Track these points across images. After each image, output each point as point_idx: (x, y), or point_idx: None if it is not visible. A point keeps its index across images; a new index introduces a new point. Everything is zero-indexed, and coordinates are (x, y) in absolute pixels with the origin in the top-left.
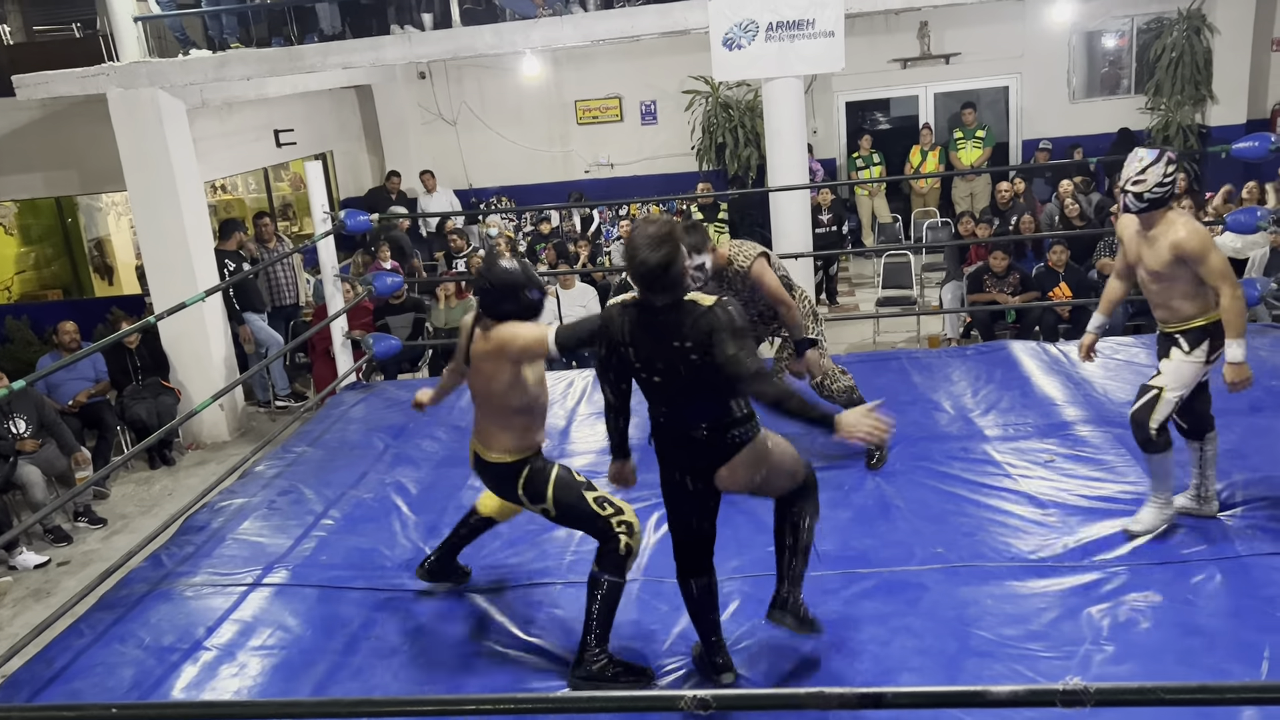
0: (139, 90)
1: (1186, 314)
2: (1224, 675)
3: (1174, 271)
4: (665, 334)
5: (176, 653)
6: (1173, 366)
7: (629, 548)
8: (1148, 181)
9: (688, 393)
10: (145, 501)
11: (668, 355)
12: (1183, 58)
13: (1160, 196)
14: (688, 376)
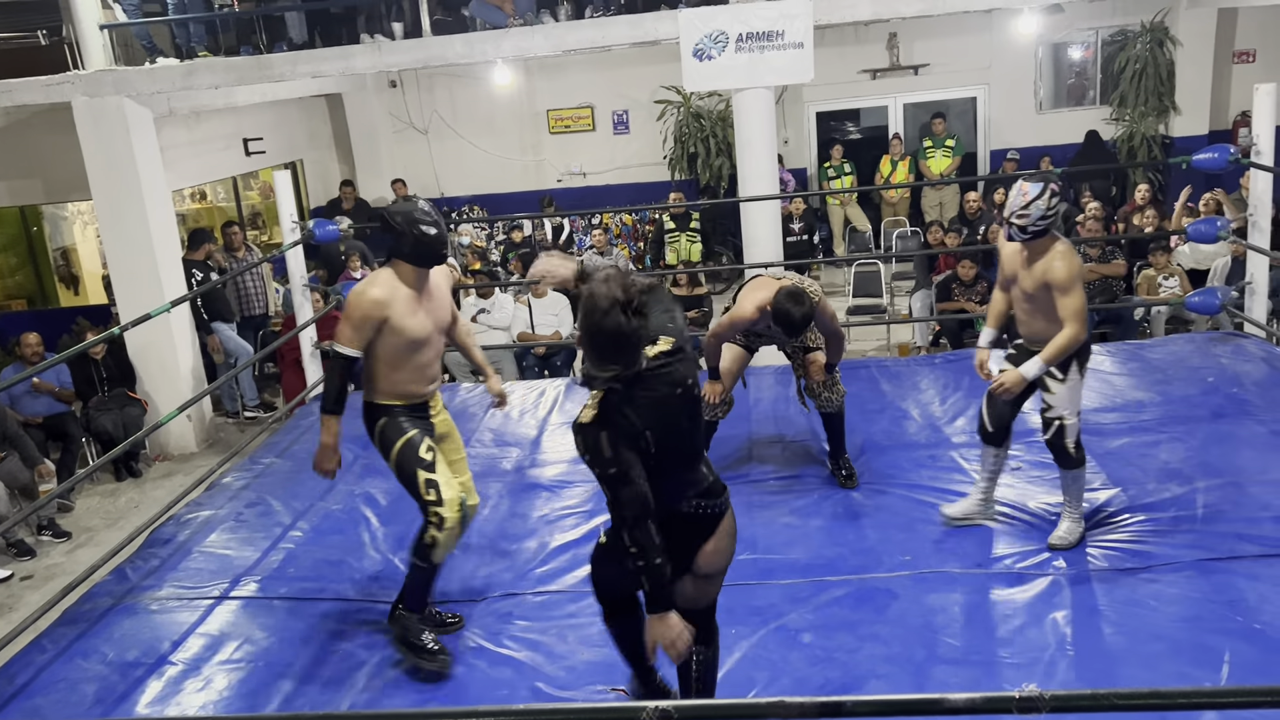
0: (105, 99)
1: (1054, 334)
2: (1186, 679)
3: (1045, 295)
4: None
5: (141, 668)
6: (1059, 396)
7: (434, 539)
8: (1031, 215)
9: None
10: (111, 514)
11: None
12: (1146, 69)
13: (1044, 228)
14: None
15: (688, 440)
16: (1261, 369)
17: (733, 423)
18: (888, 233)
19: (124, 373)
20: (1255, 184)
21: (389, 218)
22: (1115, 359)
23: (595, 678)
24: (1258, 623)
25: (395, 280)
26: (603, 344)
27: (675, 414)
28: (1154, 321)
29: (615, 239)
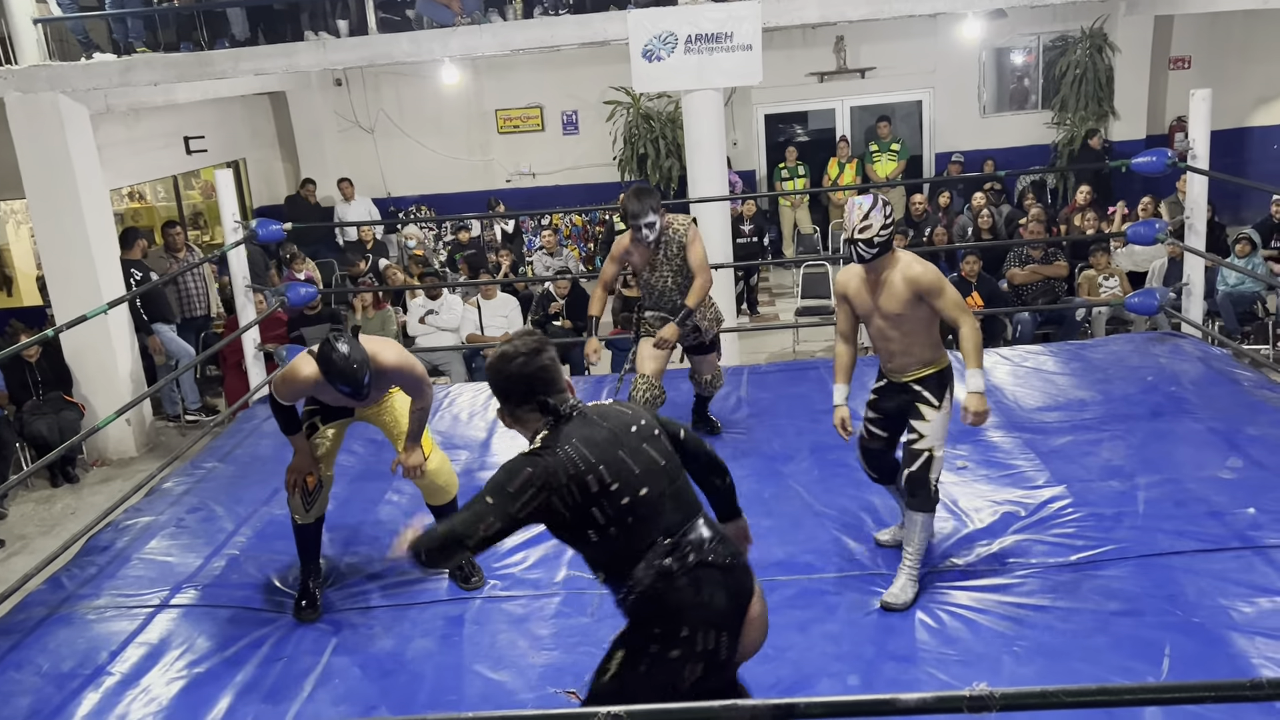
0: (39, 94)
1: (925, 358)
2: (1128, 673)
3: (913, 311)
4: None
5: (77, 679)
6: (933, 426)
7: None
8: (873, 226)
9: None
10: (46, 521)
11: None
12: (1086, 75)
13: (887, 239)
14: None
15: (664, 482)
16: (1198, 368)
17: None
18: (835, 234)
19: (60, 376)
20: (1191, 187)
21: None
22: (1057, 359)
23: (547, 680)
24: (1196, 617)
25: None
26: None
27: (635, 451)
28: (1095, 321)
29: (565, 240)
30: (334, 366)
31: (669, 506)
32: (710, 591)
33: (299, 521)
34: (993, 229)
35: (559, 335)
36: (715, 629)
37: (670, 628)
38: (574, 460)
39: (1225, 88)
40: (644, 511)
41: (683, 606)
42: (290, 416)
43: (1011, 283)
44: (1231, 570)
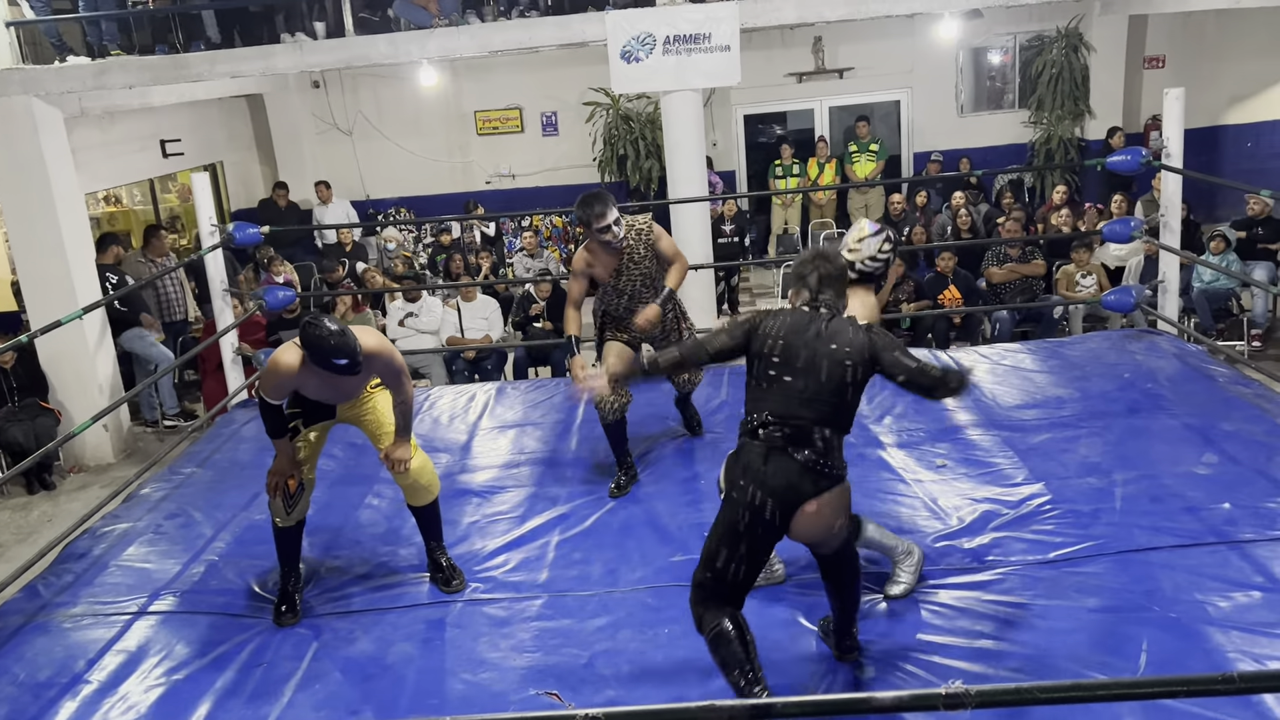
0: (11, 98)
1: None
2: (1106, 668)
3: None
4: (827, 339)
5: (54, 688)
6: None
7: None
8: (862, 252)
9: (816, 403)
10: (22, 529)
11: (818, 358)
12: (1062, 74)
13: (871, 271)
14: (828, 385)
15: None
16: (1174, 364)
17: (658, 421)
18: (816, 234)
19: (35, 382)
20: (1166, 186)
21: (305, 339)
22: (1035, 356)
23: (529, 682)
24: (1173, 612)
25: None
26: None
27: (813, 354)
28: (1072, 318)
29: (545, 241)
30: (324, 341)
31: (797, 401)
32: (773, 468)
33: (279, 525)
34: (972, 228)
35: (540, 337)
36: (763, 492)
37: (735, 474)
38: (772, 325)
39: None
40: (778, 390)
41: (747, 464)
42: (277, 417)
43: (990, 281)
44: (1207, 565)
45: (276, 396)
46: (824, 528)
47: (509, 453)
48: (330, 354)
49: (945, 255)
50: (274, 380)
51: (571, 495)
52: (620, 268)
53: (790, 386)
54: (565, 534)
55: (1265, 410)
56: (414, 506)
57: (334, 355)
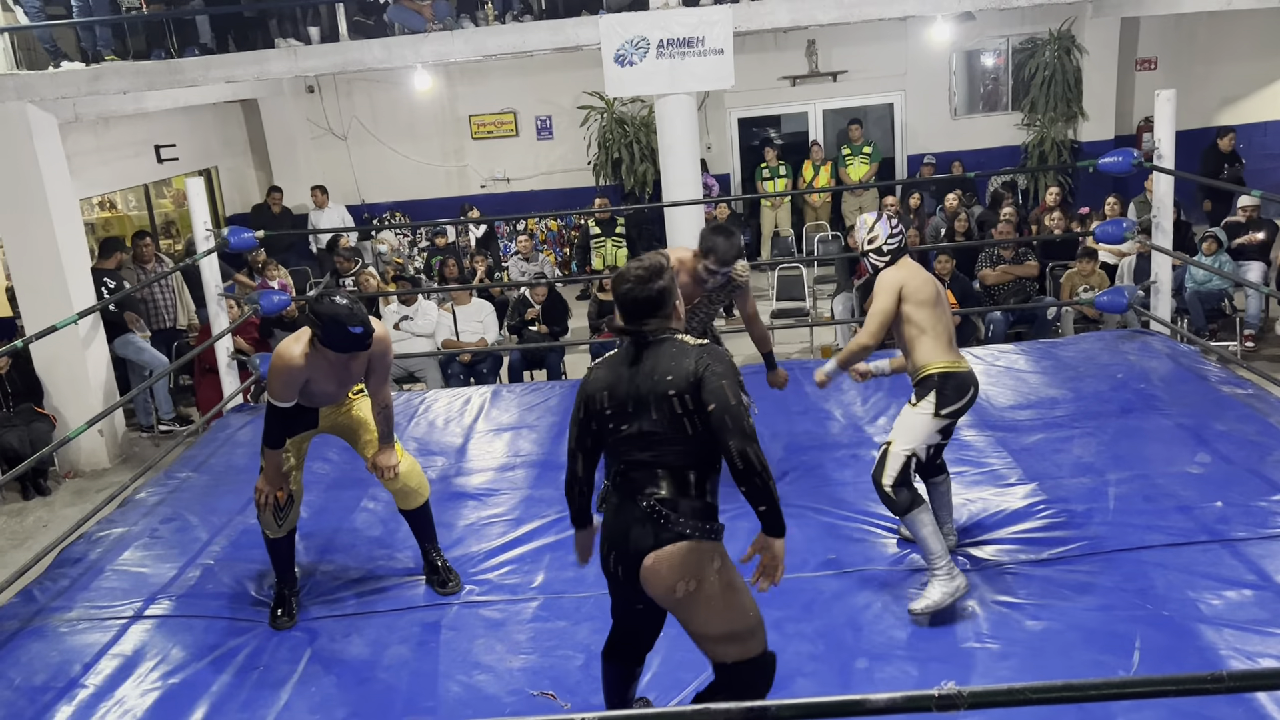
0: (6, 104)
1: (916, 363)
2: (1099, 667)
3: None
4: (650, 372)
5: (50, 692)
6: (901, 420)
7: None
8: (879, 237)
9: (655, 443)
10: (18, 534)
11: (644, 395)
12: (1055, 76)
13: (897, 246)
14: (661, 422)
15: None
16: (1166, 365)
17: None
18: (809, 237)
19: (30, 387)
20: (1158, 187)
21: (314, 314)
22: (1029, 357)
23: (524, 683)
24: (1166, 610)
25: (316, 354)
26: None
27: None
28: (1064, 319)
29: (540, 245)
30: (338, 311)
31: (636, 445)
32: (616, 518)
33: (271, 537)
34: (968, 231)
35: (535, 340)
36: (606, 544)
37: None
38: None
39: (1190, 88)
40: (621, 440)
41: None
42: (284, 424)
43: (983, 283)
44: (1200, 564)
45: (287, 396)
46: (662, 588)
47: (505, 456)
48: (346, 322)
49: (943, 258)
50: (284, 376)
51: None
52: (696, 305)
53: (628, 433)
54: (560, 536)
55: (1257, 410)
56: (405, 511)
57: (349, 323)
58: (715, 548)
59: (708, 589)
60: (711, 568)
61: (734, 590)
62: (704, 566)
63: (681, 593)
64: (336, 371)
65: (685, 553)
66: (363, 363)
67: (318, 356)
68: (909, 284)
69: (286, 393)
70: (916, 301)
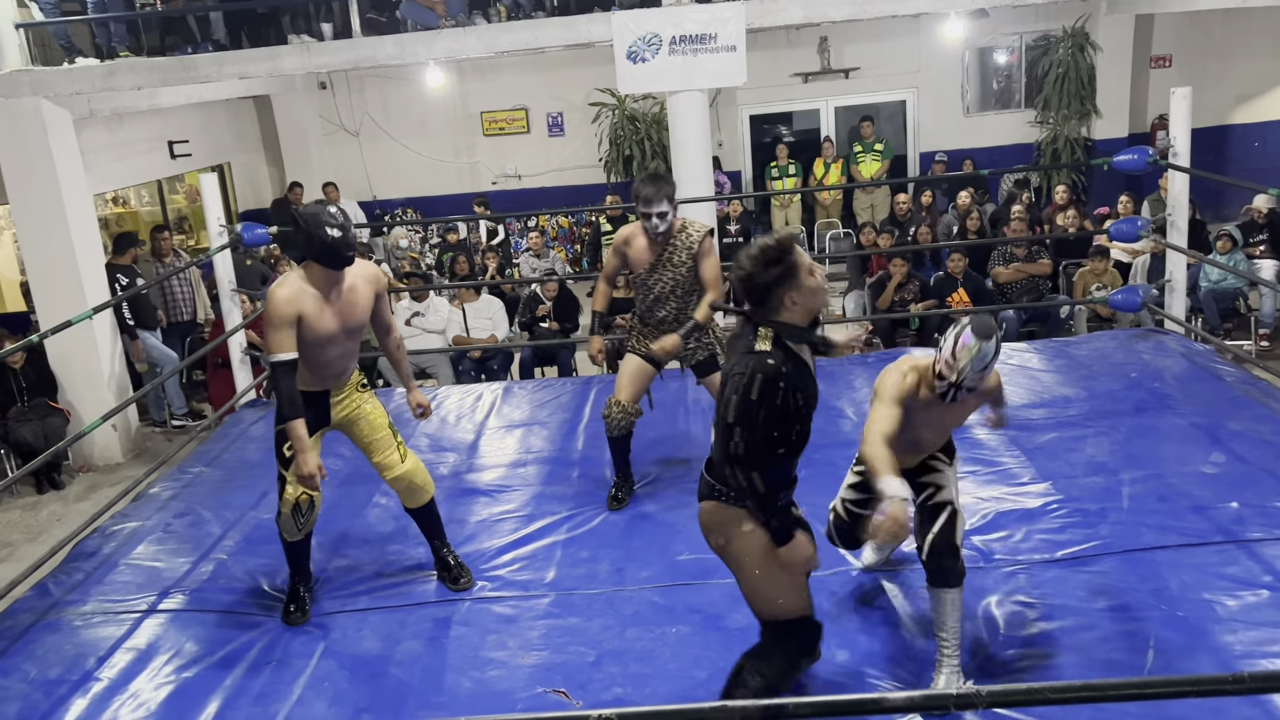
0: (21, 100)
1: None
2: (1114, 667)
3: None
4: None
5: (65, 685)
6: (947, 478)
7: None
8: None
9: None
10: (32, 528)
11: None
12: (1068, 74)
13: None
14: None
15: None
16: (1181, 364)
17: (671, 422)
18: (821, 234)
19: (44, 382)
20: (1173, 185)
21: (296, 218)
22: (1042, 356)
23: (536, 680)
24: (1180, 611)
25: (303, 281)
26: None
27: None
28: (1077, 318)
29: (552, 242)
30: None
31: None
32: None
33: (289, 540)
34: (980, 229)
35: (546, 337)
36: None
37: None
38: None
39: (1206, 86)
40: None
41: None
42: (292, 388)
43: (996, 281)
44: (1215, 564)
45: (287, 344)
46: (706, 538)
47: (516, 452)
48: (326, 224)
49: (956, 257)
50: (279, 316)
51: (579, 494)
52: (656, 262)
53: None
54: (573, 532)
55: (1273, 409)
56: (412, 509)
57: (329, 224)
58: (741, 513)
59: (737, 547)
60: (739, 529)
61: (765, 553)
62: (729, 526)
63: (714, 546)
64: (334, 307)
65: (712, 510)
66: (360, 299)
67: (302, 287)
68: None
69: (285, 340)
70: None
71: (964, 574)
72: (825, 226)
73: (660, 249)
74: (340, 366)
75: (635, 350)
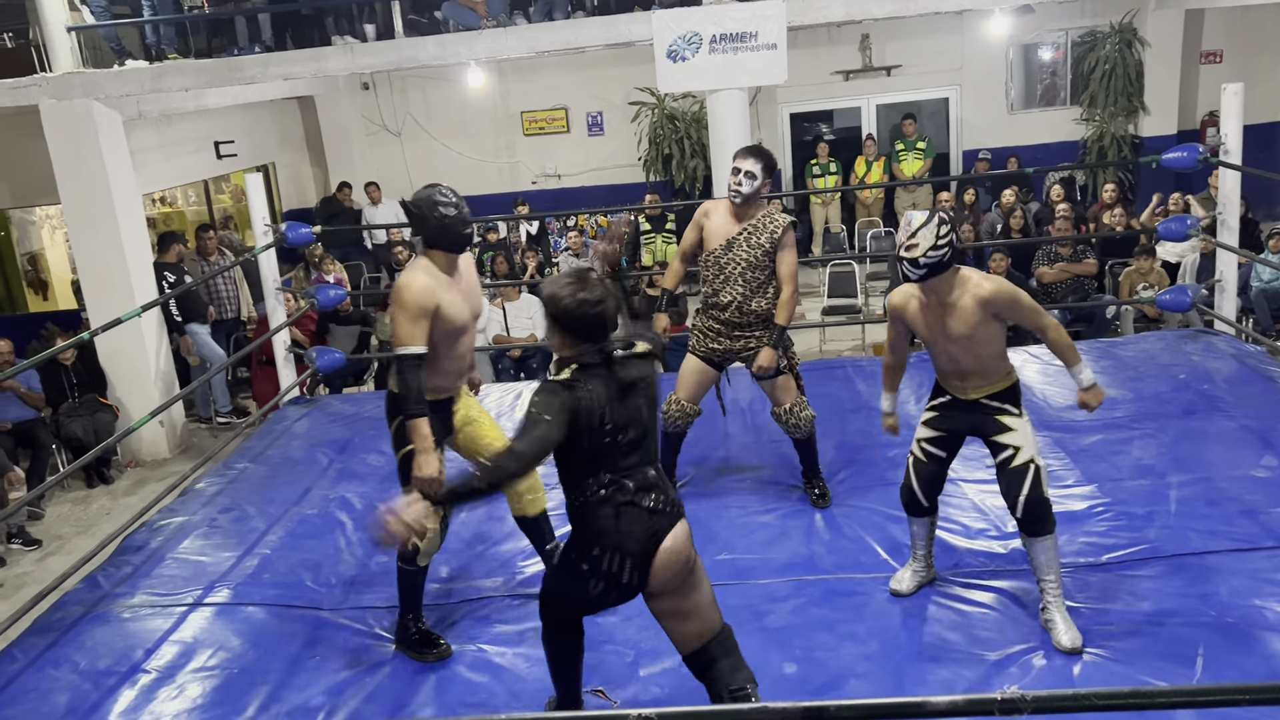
0: (73, 101)
1: (997, 373)
2: (1161, 673)
3: (985, 330)
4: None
5: (114, 676)
6: (1023, 434)
7: (415, 545)
8: (920, 245)
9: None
10: (82, 521)
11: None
12: (1115, 70)
13: (938, 260)
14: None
15: (645, 434)
16: (1231, 365)
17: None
18: (862, 233)
19: (94, 378)
20: (1224, 183)
21: (408, 206)
22: (1088, 356)
23: None
24: (1230, 617)
25: (432, 268)
26: (572, 324)
27: (637, 405)
28: (1124, 318)
29: (590, 241)
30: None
31: (628, 450)
32: (628, 526)
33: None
34: (1024, 228)
35: None
36: (622, 556)
37: (587, 544)
38: (593, 403)
39: (1257, 82)
40: (612, 449)
41: (601, 531)
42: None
43: (1040, 281)
44: (1265, 569)
45: (420, 337)
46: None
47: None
48: (440, 204)
49: (997, 257)
50: (417, 306)
51: None
52: (732, 240)
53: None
54: None
55: None
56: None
57: (442, 204)
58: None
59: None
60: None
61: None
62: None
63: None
64: (462, 293)
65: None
66: (475, 283)
67: (434, 274)
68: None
69: (419, 329)
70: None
71: (1055, 522)
72: (866, 225)
73: (740, 225)
74: (470, 359)
75: (696, 351)
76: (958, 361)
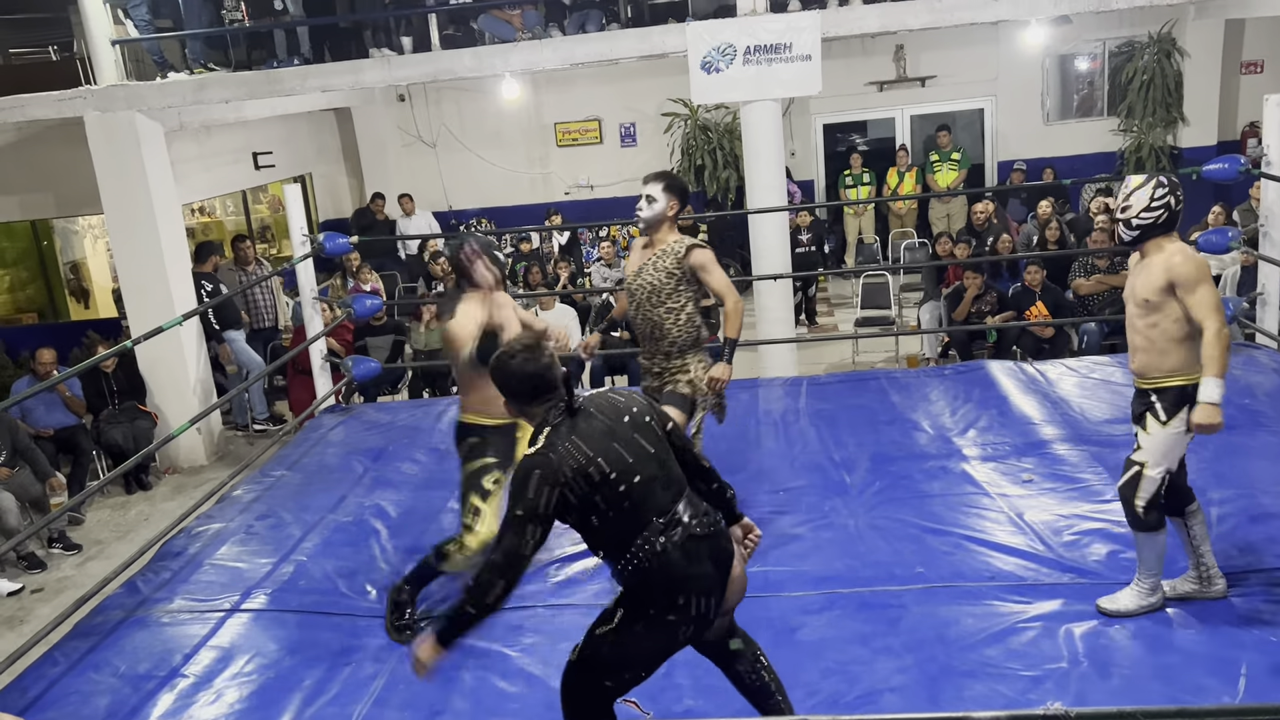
0: (116, 113)
1: (1167, 365)
2: (1202, 692)
3: (1162, 302)
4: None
5: (152, 680)
6: (1151, 440)
7: (450, 554)
8: (1133, 207)
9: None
10: (121, 527)
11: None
12: (1154, 80)
13: (1150, 222)
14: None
15: (660, 465)
16: (1273, 380)
17: (741, 434)
18: (895, 244)
19: (134, 386)
20: (1266, 194)
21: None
22: (1126, 370)
23: None
24: (1274, 635)
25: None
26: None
27: (632, 440)
28: None
29: (623, 251)
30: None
31: (659, 488)
32: (699, 561)
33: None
34: (1060, 240)
35: (618, 346)
36: (705, 594)
37: (668, 597)
38: (574, 455)
39: None
40: (638, 496)
41: (677, 578)
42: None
43: (1077, 293)
44: None
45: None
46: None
47: None
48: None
49: (1033, 268)
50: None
51: None
52: (641, 267)
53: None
54: None
55: None
56: None
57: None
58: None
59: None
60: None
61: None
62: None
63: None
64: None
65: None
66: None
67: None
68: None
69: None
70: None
71: (1153, 524)
72: (900, 236)
73: (648, 253)
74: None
75: (648, 388)
76: (1134, 327)
